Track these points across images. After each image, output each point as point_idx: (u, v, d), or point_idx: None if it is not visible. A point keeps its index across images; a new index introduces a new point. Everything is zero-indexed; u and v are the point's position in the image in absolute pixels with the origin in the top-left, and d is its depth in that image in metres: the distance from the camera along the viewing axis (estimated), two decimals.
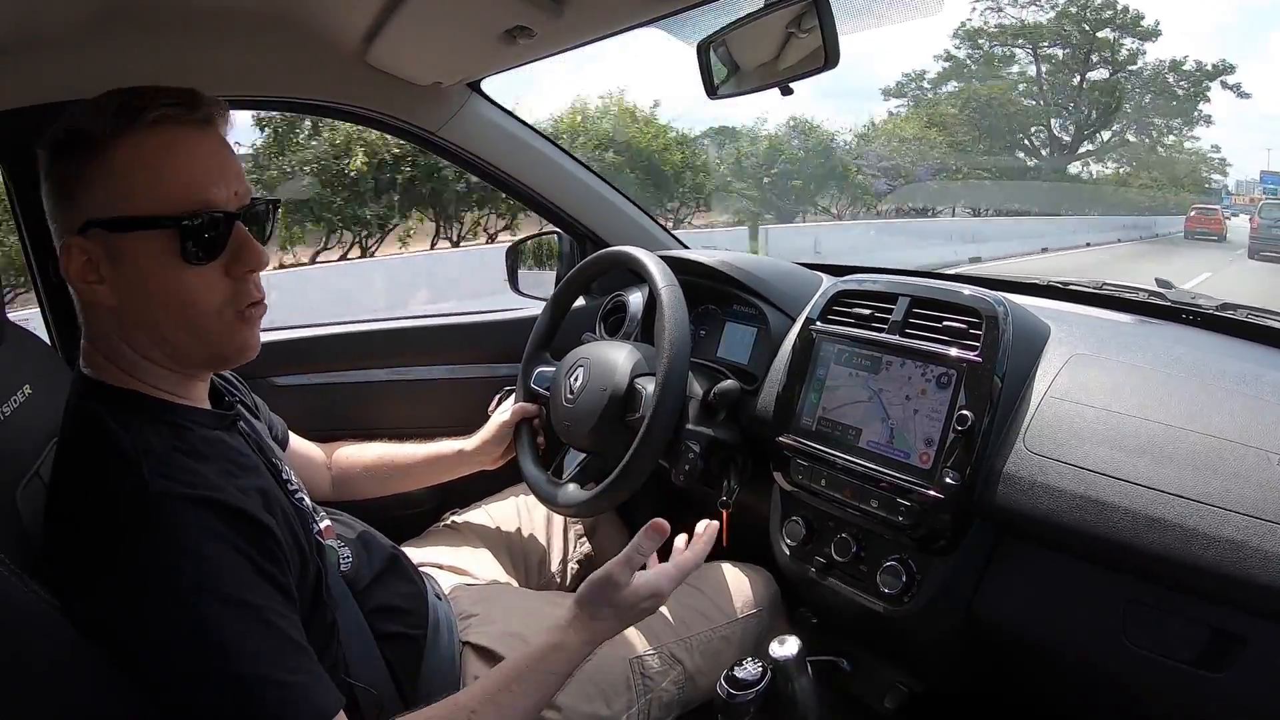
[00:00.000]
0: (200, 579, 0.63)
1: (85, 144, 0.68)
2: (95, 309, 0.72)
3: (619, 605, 0.86)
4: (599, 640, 0.86)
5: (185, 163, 0.69)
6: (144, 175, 0.68)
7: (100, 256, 0.69)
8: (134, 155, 0.68)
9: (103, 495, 0.65)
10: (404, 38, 1.18)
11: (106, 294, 0.70)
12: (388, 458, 1.21)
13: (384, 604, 0.94)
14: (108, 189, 0.68)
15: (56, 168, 0.70)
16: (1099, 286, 1.25)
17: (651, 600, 0.87)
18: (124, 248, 0.69)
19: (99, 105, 0.69)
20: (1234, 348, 1.03)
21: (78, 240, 0.69)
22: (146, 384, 0.73)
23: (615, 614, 0.86)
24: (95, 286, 0.70)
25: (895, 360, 1.00)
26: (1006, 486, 0.87)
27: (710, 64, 1.12)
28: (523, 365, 1.30)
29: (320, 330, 1.56)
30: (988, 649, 0.97)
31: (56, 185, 0.70)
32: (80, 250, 0.69)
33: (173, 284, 0.70)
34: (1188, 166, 26.79)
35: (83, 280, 0.70)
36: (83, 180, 0.68)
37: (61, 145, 0.69)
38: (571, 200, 1.57)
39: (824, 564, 1.04)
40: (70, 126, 0.69)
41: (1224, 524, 0.73)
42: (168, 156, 0.69)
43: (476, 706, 0.75)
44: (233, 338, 0.74)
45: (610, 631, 0.87)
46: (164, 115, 0.68)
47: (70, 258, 0.69)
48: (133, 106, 0.68)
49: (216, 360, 0.76)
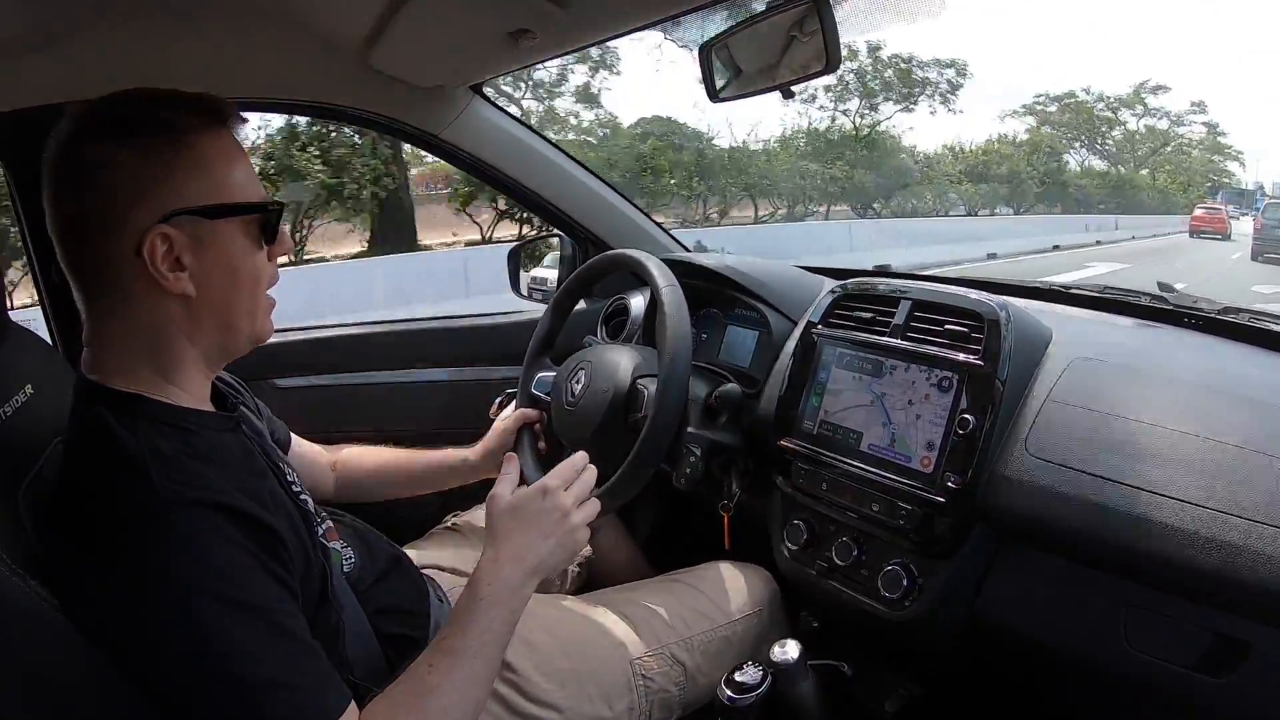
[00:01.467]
0: (208, 583, 0.63)
1: (171, 136, 0.70)
2: (160, 301, 0.72)
3: (508, 509, 0.85)
4: (515, 557, 0.83)
5: (245, 161, 0.76)
6: (227, 169, 0.73)
7: (185, 244, 0.70)
8: (218, 150, 0.73)
9: (111, 501, 0.65)
10: (407, 40, 1.18)
11: (185, 282, 0.71)
12: (392, 463, 1.20)
13: (387, 605, 0.94)
14: (198, 180, 0.71)
15: (128, 160, 0.69)
16: (1101, 290, 1.25)
17: (548, 500, 0.86)
18: (216, 233, 0.72)
19: (172, 101, 0.71)
20: (1236, 351, 1.03)
21: (163, 229, 0.69)
22: (168, 383, 0.74)
23: (509, 524, 0.85)
24: (177, 275, 0.70)
25: (897, 364, 1.00)
26: (1008, 490, 0.87)
27: (712, 67, 1.12)
28: (523, 370, 1.30)
29: (321, 333, 1.56)
30: (989, 653, 0.97)
31: (129, 177, 0.69)
32: (164, 239, 0.69)
33: (251, 266, 0.76)
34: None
35: (168, 269, 0.70)
36: (168, 171, 0.70)
37: (135, 137, 0.69)
38: (574, 203, 1.58)
39: (825, 567, 1.03)
40: (143, 118, 0.70)
41: (1226, 528, 0.73)
42: (239, 155, 0.75)
43: (431, 659, 0.75)
44: (267, 318, 0.80)
45: (521, 544, 0.83)
46: (235, 120, 0.75)
47: (154, 247, 0.69)
48: (216, 108, 0.73)
49: (253, 342, 0.80)
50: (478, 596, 0.79)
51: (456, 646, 0.76)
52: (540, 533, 0.85)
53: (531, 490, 0.87)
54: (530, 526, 0.85)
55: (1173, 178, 28.04)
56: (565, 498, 0.87)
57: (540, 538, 0.85)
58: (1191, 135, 28.68)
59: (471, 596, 0.80)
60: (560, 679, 0.97)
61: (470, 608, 0.79)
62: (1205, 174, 28.80)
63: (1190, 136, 28.66)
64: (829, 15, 0.93)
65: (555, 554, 0.86)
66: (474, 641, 0.77)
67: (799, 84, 1.04)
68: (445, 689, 0.73)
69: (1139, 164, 28.04)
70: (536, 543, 0.85)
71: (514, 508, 0.86)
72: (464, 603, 0.80)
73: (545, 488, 0.87)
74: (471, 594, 0.80)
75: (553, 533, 0.86)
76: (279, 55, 1.27)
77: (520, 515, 0.85)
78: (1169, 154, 28.51)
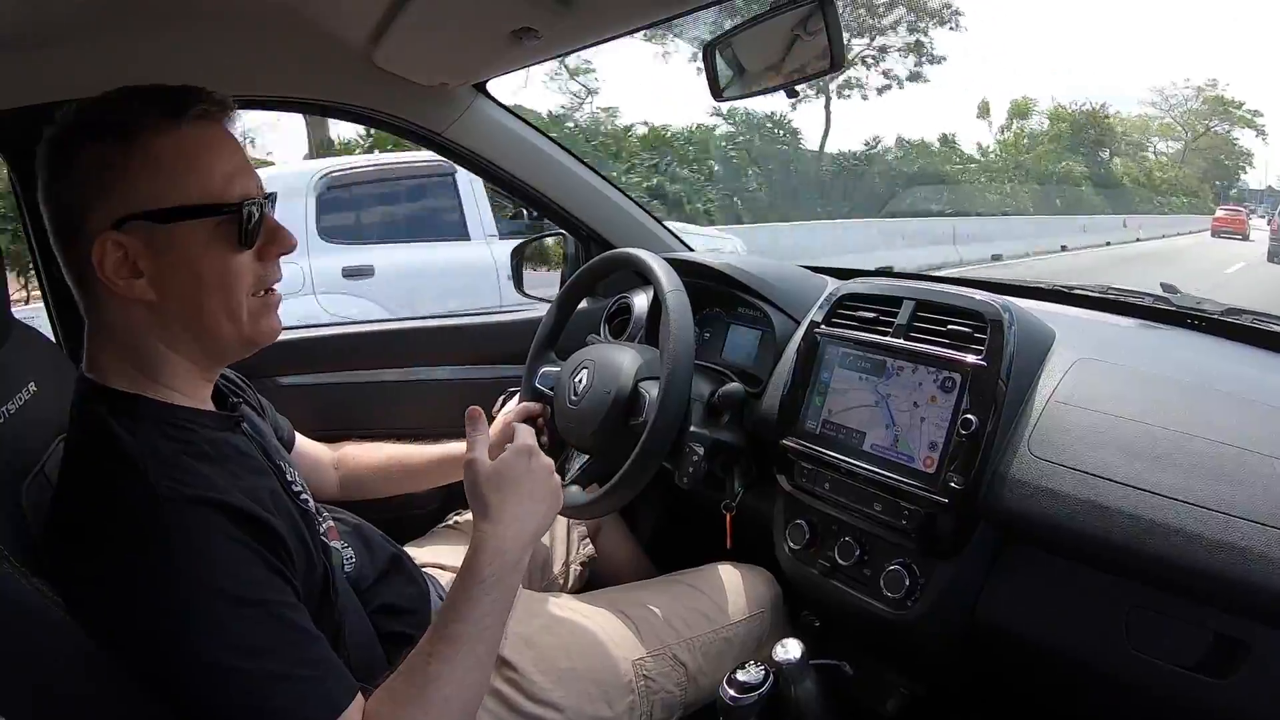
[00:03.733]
0: (208, 579, 0.63)
1: (121, 138, 0.68)
2: (123, 307, 0.71)
3: (494, 475, 0.80)
4: (513, 529, 0.79)
5: (222, 156, 0.72)
6: (187, 168, 0.70)
7: (140, 250, 0.69)
8: (176, 149, 0.69)
9: (109, 500, 0.65)
10: (410, 39, 1.18)
11: (144, 289, 0.69)
12: (396, 458, 1.21)
13: (387, 604, 0.94)
14: (149, 182, 0.68)
15: (81, 164, 0.68)
16: (1104, 291, 1.25)
17: (534, 460, 0.83)
18: (173, 237, 0.69)
19: (128, 101, 0.69)
20: (1239, 353, 1.03)
21: (114, 235, 0.68)
22: (156, 385, 0.73)
23: (500, 491, 0.80)
24: (132, 282, 0.69)
25: (900, 364, 0.99)
26: (1010, 490, 0.87)
27: (716, 66, 1.12)
28: (527, 364, 1.30)
29: (325, 331, 1.56)
30: (990, 653, 0.97)
31: (81, 182, 0.69)
32: (115, 245, 0.68)
33: (216, 269, 0.72)
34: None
35: (118, 277, 0.69)
36: (119, 175, 0.68)
37: (88, 140, 0.68)
38: (577, 202, 1.57)
39: (827, 567, 1.03)
40: (96, 120, 0.69)
41: (1228, 529, 0.73)
42: (208, 150, 0.71)
43: (431, 648, 0.73)
44: (261, 321, 0.76)
45: (516, 509, 0.80)
46: (203, 112, 0.71)
47: (105, 254, 0.68)
48: (176, 102, 0.70)
49: (247, 345, 0.77)
50: (479, 578, 0.76)
51: (458, 633, 0.73)
52: (532, 497, 0.82)
53: (514, 453, 0.82)
54: (522, 492, 0.81)
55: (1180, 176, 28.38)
56: (545, 456, 0.84)
57: (533, 502, 0.82)
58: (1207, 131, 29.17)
59: (472, 578, 0.76)
60: (561, 678, 0.97)
61: (471, 590, 0.76)
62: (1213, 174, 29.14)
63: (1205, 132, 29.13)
64: (833, 14, 0.93)
65: (546, 518, 0.84)
66: (475, 626, 0.74)
67: (802, 83, 1.04)
68: (447, 677, 0.71)
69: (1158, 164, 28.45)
70: (530, 509, 0.81)
71: (499, 474, 0.81)
72: (463, 585, 0.76)
73: (529, 448, 0.83)
74: (472, 575, 0.76)
75: (544, 496, 0.83)
76: (282, 53, 1.27)
77: (509, 480, 0.81)
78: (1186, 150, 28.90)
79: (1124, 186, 26.89)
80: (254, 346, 0.78)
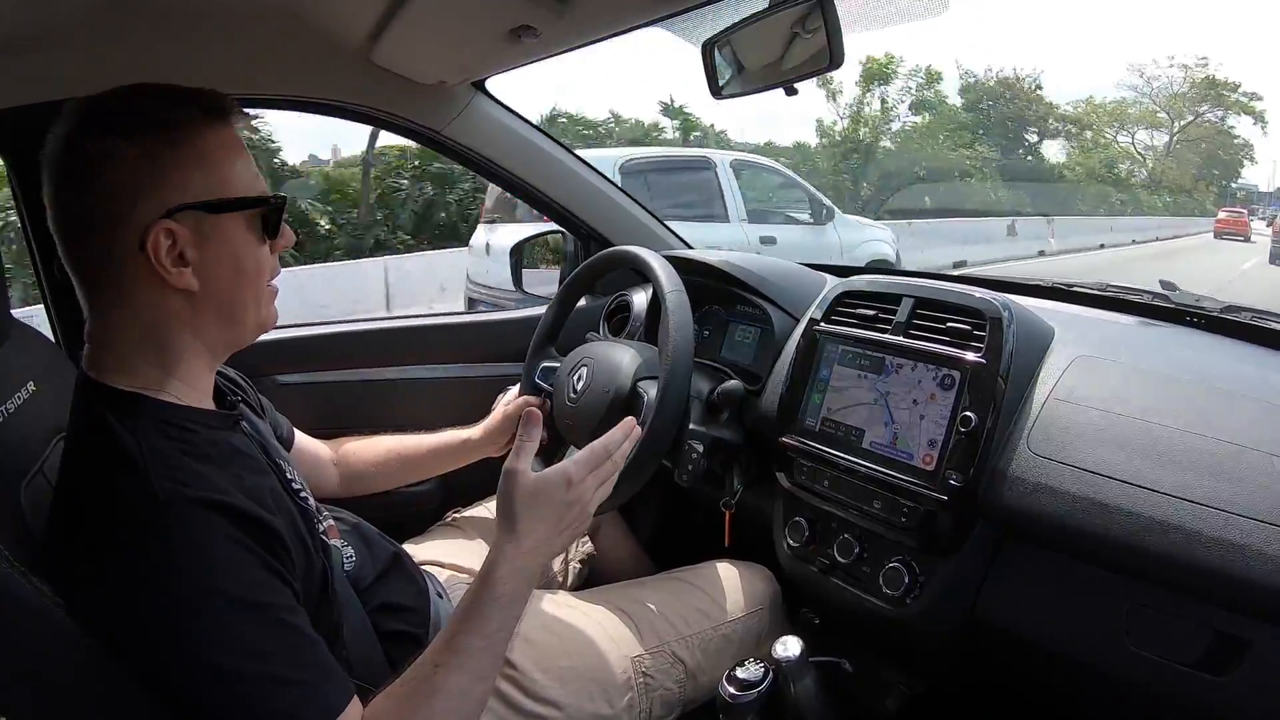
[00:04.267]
0: (207, 580, 0.63)
1: (167, 131, 0.70)
2: (161, 296, 0.72)
3: (532, 496, 0.78)
4: (535, 552, 0.78)
5: (246, 156, 0.77)
6: (229, 163, 0.74)
7: (189, 239, 0.71)
8: (220, 145, 0.74)
9: (110, 501, 0.65)
10: (409, 37, 1.18)
11: (189, 277, 0.72)
12: (395, 451, 1.21)
13: (387, 602, 0.94)
14: (201, 174, 0.72)
15: (127, 154, 0.69)
16: (1103, 288, 1.25)
17: (572, 492, 0.80)
18: (220, 227, 0.73)
19: (158, 97, 0.72)
20: (1238, 350, 1.03)
21: (167, 224, 0.70)
22: (170, 379, 0.74)
23: (532, 509, 0.78)
24: (180, 270, 0.71)
25: (899, 361, 0.99)
26: (1009, 488, 0.87)
27: (715, 64, 1.12)
28: (527, 359, 1.30)
29: (324, 329, 1.56)
30: (990, 650, 0.97)
31: (126, 172, 0.69)
32: (168, 234, 0.70)
33: (251, 259, 0.77)
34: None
35: (170, 265, 0.71)
36: (171, 166, 0.70)
37: (137, 133, 0.70)
38: (576, 199, 1.58)
39: (826, 564, 1.04)
40: (143, 115, 0.71)
41: (1227, 527, 0.73)
42: (239, 150, 0.76)
43: (437, 659, 0.72)
44: (267, 309, 0.81)
45: (541, 535, 0.78)
46: (237, 114, 0.76)
47: (158, 242, 0.69)
48: (218, 103, 0.74)
49: (258, 331, 0.81)
50: (495, 594, 0.75)
51: (467, 645, 0.73)
52: (559, 527, 0.80)
53: (556, 477, 0.80)
54: (551, 518, 0.79)
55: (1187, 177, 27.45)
56: (588, 488, 0.81)
57: (558, 532, 0.81)
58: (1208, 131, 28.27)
59: (488, 593, 0.75)
60: (561, 676, 0.97)
61: (484, 604, 0.75)
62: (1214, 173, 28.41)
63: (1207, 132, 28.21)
64: (832, 12, 0.92)
65: (567, 546, 0.85)
66: (485, 640, 0.74)
67: (801, 81, 1.04)
68: (452, 688, 0.71)
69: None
70: (554, 537, 0.80)
71: (536, 494, 0.78)
72: (477, 598, 0.75)
73: (570, 479, 0.80)
74: (487, 590, 0.75)
75: (572, 529, 0.82)
76: (280, 51, 1.27)
77: (542, 504, 0.79)
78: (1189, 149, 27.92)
79: (1060, 180, 24.06)
80: (261, 332, 0.81)
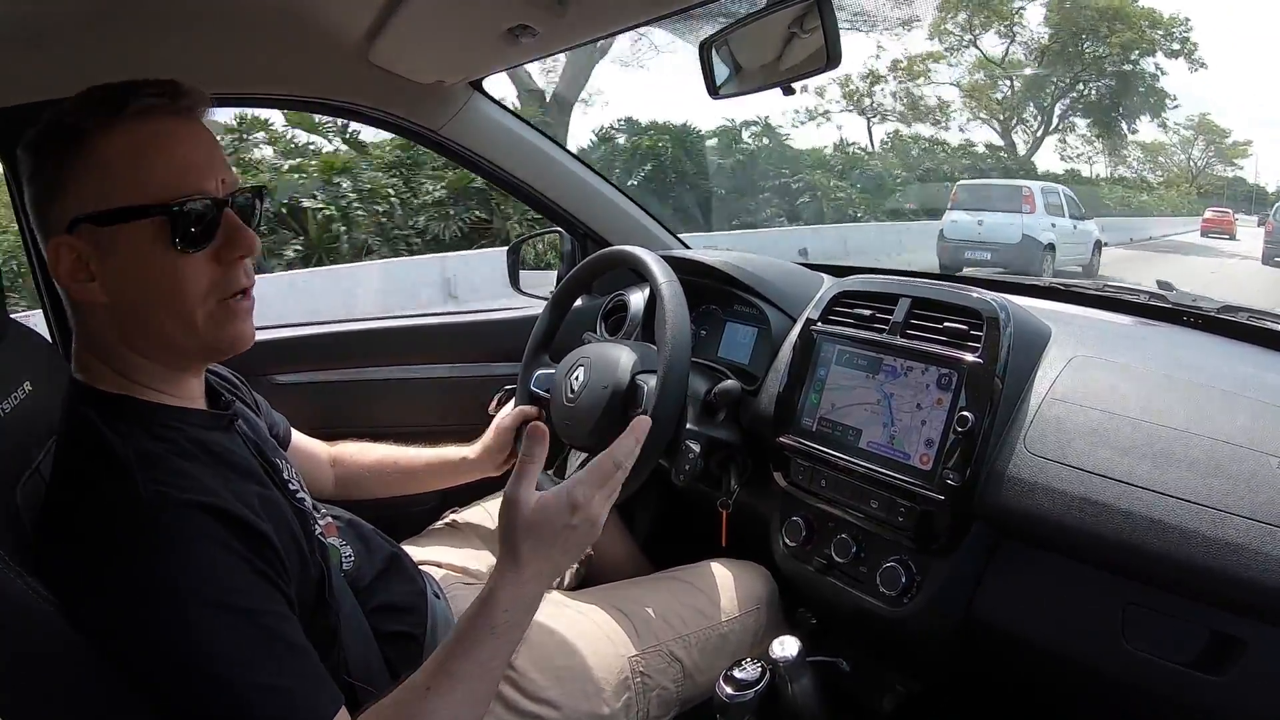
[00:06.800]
0: (193, 585, 0.62)
1: (70, 139, 0.67)
2: (88, 309, 0.71)
3: (534, 526, 0.73)
4: (537, 579, 0.74)
5: (171, 152, 0.69)
6: (132, 166, 0.67)
7: (89, 253, 0.68)
8: (121, 147, 0.67)
9: (97, 502, 0.65)
10: (406, 36, 1.18)
11: (97, 291, 0.69)
12: (391, 459, 1.20)
13: (385, 603, 0.94)
14: (96, 183, 0.67)
15: (41, 168, 0.69)
16: (1100, 288, 1.25)
17: (578, 515, 0.74)
18: (115, 240, 0.68)
19: (79, 101, 0.69)
20: (1235, 350, 1.03)
21: (66, 239, 0.68)
22: (141, 385, 0.73)
23: (535, 538, 0.73)
24: (86, 285, 0.69)
25: (896, 361, 1.00)
26: (1006, 488, 0.87)
27: (712, 63, 1.12)
28: (522, 367, 1.30)
29: (321, 328, 1.56)
30: (986, 650, 0.97)
31: (42, 186, 0.69)
32: (69, 249, 0.68)
33: (163, 272, 0.69)
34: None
35: (73, 280, 0.69)
36: (69, 177, 0.67)
37: (44, 143, 0.68)
38: (573, 199, 1.58)
39: (823, 564, 1.04)
40: (52, 122, 0.68)
41: (1224, 526, 0.73)
42: (154, 146, 0.68)
43: (430, 682, 0.70)
44: (222, 327, 0.72)
45: (545, 563, 0.74)
46: (148, 106, 0.68)
47: (59, 258, 0.68)
48: (115, 98, 0.67)
49: (209, 352, 0.75)
50: (493, 623, 0.71)
51: (461, 671, 0.70)
52: (564, 552, 0.76)
53: (558, 501, 0.74)
54: (555, 547, 0.74)
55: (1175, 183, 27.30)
56: (595, 507, 0.75)
57: (564, 556, 0.76)
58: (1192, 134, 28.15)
59: (485, 621, 0.71)
60: (558, 676, 0.97)
61: (480, 632, 0.71)
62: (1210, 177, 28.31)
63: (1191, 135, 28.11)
64: (830, 12, 0.93)
65: (572, 562, 0.81)
66: (480, 666, 0.71)
67: (799, 81, 1.04)
68: (443, 714, 0.68)
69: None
70: (558, 559, 0.76)
71: (537, 524, 0.73)
72: (473, 624, 0.71)
73: (575, 502, 0.74)
74: (485, 618, 0.71)
75: (576, 551, 0.78)
76: (277, 51, 1.26)
77: (545, 531, 0.74)
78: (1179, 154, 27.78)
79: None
80: (218, 354, 0.75)
